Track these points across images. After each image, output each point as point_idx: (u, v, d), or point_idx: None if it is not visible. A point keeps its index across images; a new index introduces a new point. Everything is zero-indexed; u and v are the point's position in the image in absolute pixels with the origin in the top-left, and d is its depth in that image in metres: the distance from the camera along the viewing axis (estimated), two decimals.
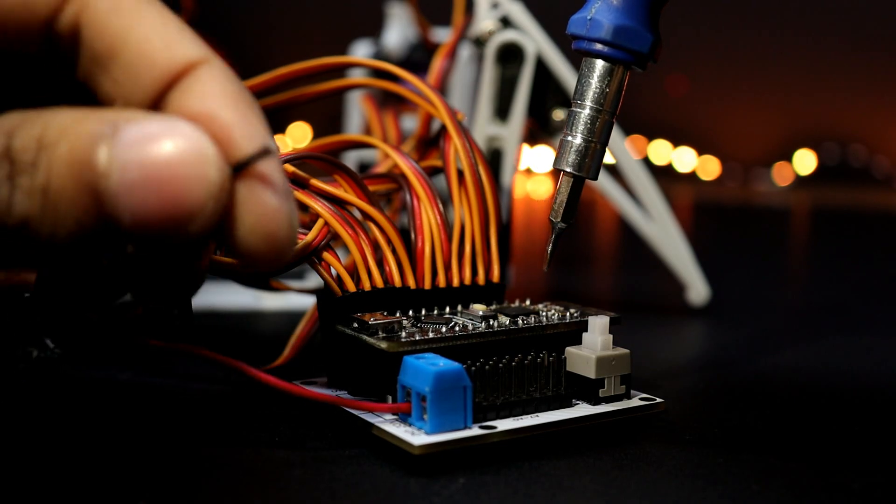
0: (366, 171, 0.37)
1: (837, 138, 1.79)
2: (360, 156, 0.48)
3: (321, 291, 0.28)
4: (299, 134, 1.59)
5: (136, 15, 0.21)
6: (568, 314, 0.29)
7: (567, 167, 0.27)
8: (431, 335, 0.26)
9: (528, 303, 0.31)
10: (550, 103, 0.44)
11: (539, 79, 0.43)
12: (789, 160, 1.81)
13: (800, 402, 0.32)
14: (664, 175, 1.68)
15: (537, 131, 0.45)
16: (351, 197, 0.29)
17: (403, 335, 0.26)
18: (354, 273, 0.28)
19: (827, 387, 0.34)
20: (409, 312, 0.29)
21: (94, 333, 0.25)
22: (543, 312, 0.29)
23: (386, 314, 0.27)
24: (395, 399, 0.25)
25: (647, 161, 1.72)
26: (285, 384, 0.25)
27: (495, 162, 0.43)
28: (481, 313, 0.28)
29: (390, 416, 0.25)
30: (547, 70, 0.43)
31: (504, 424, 0.25)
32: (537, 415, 0.26)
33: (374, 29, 0.52)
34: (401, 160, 0.31)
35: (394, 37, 0.50)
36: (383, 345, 0.25)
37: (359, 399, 0.27)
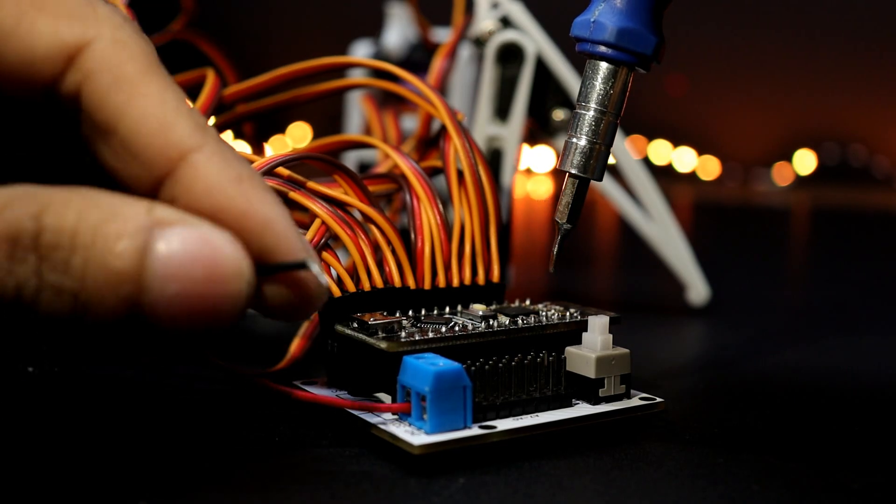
0: (366, 171, 0.37)
1: (837, 138, 1.79)
2: (360, 156, 0.48)
3: None
4: (299, 134, 1.59)
5: (135, 91, 0.21)
6: (568, 314, 0.29)
7: (572, 169, 0.27)
8: (431, 335, 0.26)
9: (528, 303, 0.31)
10: (550, 103, 0.44)
11: (539, 79, 0.43)
12: (789, 160, 1.81)
13: (800, 402, 0.32)
14: (664, 175, 1.67)
15: (537, 131, 0.45)
16: (350, 198, 0.29)
17: (403, 335, 0.26)
18: (354, 273, 0.28)
19: (827, 387, 0.34)
20: (409, 312, 0.29)
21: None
22: (543, 312, 0.29)
23: (386, 314, 0.27)
24: (393, 398, 0.26)
25: (647, 161, 1.72)
26: (288, 389, 0.25)
27: (495, 162, 0.43)
28: (481, 313, 0.28)
29: (390, 416, 0.25)
30: (547, 70, 0.43)
31: (504, 424, 0.25)
32: (537, 415, 0.26)
33: (374, 29, 0.52)
34: (401, 160, 0.31)
35: (394, 37, 0.50)
36: (383, 345, 0.25)
37: (359, 399, 0.27)
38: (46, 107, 0.22)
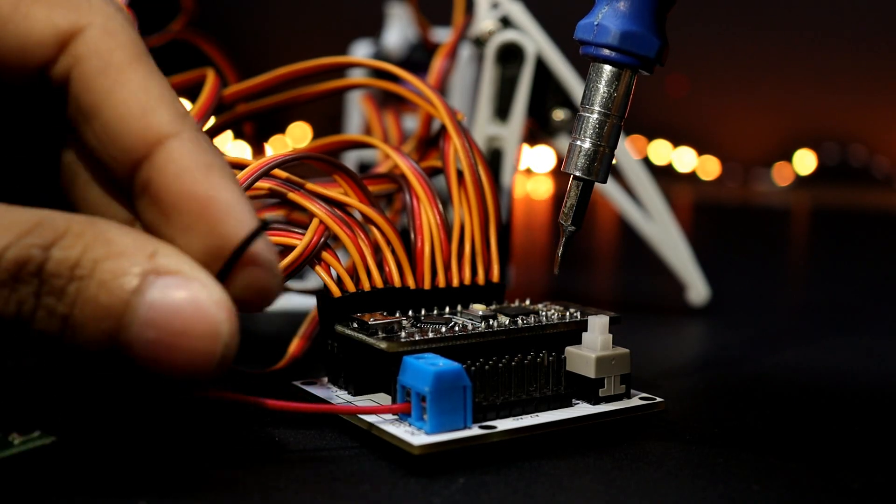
0: (366, 171, 0.37)
1: (837, 138, 1.79)
2: (360, 156, 0.48)
3: (321, 292, 0.28)
4: (299, 134, 1.59)
5: (121, 77, 0.22)
6: (568, 314, 0.29)
7: (576, 171, 0.27)
8: (431, 335, 0.26)
9: (528, 303, 0.31)
10: (550, 103, 0.44)
11: (539, 79, 0.43)
12: (789, 160, 1.81)
13: (800, 402, 0.32)
14: (664, 175, 1.67)
15: (537, 131, 0.45)
16: (350, 199, 0.29)
17: (403, 335, 0.26)
18: (354, 273, 0.28)
19: (827, 387, 0.34)
20: (409, 312, 0.29)
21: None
22: (543, 312, 0.29)
23: (385, 314, 0.27)
24: (393, 398, 0.26)
25: (647, 161, 1.72)
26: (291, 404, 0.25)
27: (495, 162, 0.43)
28: (481, 313, 0.28)
29: (390, 416, 0.25)
30: (547, 70, 0.43)
31: (504, 424, 0.25)
32: (537, 415, 0.26)
33: (374, 29, 0.52)
34: (401, 160, 0.31)
35: (394, 37, 0.50)
36: (383, 345, 0.25)
37: (359, 402, 0.27)
38: (37, 90, 0.23)
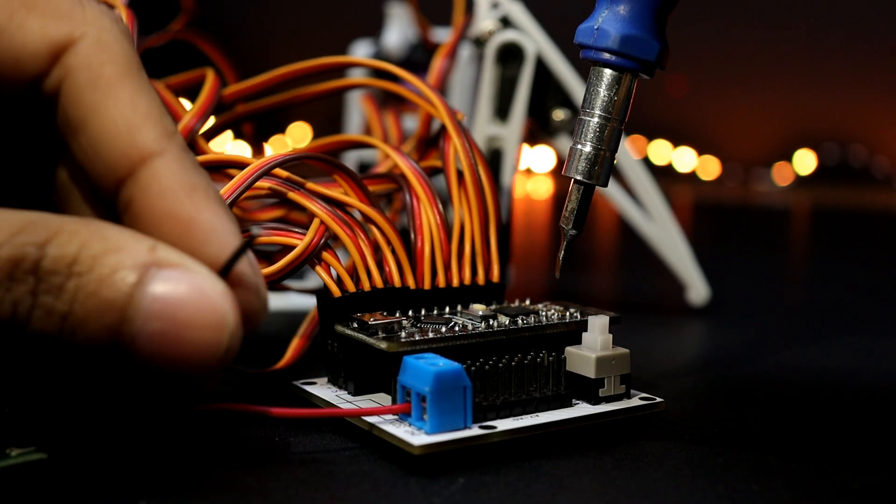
0: (366, 171, 0.37)
1: (837, 138, 1.79)
2: (360, 156, 0.48)
3: (321, 292, 0.28)
4: (299, 134, 1.59)
5: (110, 91, 0.22)
6: (568, 314, 0.29)
7: (577, 175, 0.27)
8: (431, 335, 0.26)
9: (528, 303, 0.31)
10: (550, 103, 0.44)
11: (539, 79, 0.43)
12: (789, 160, 1.81)
13: (800, 402, 0.32)
14: (664, 175, 1.68)
15: (537, 131, 0.45)
16: (350, 199, 0.29)
17: (403, 335, 0.26)
18: (354, 273, 0.28)
19: (827, 387, 0.34)
20: (409, 312, 0.29)
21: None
22: (543, 312, 0.29)
23: (385, 314, 0.27)
24: (393, 398, 0.26)
25: (647, 161, 1.72)
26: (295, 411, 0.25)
27: (495, 162, 0.43)
28: (481, 313, 0.28)
29: (390, 416, 0.25)
30: (547, 70, 0.43)
31: (504, 424, 0.25)
32: (537, 415, 0.26)
33: (374, 29, 0.52)
34: (401, 160, 0.31)
35: (394, 37, 0.50)
36: (383, 345, 0.25)
37: (360, 402, 0.27)
38: (28, 101, 0.22)
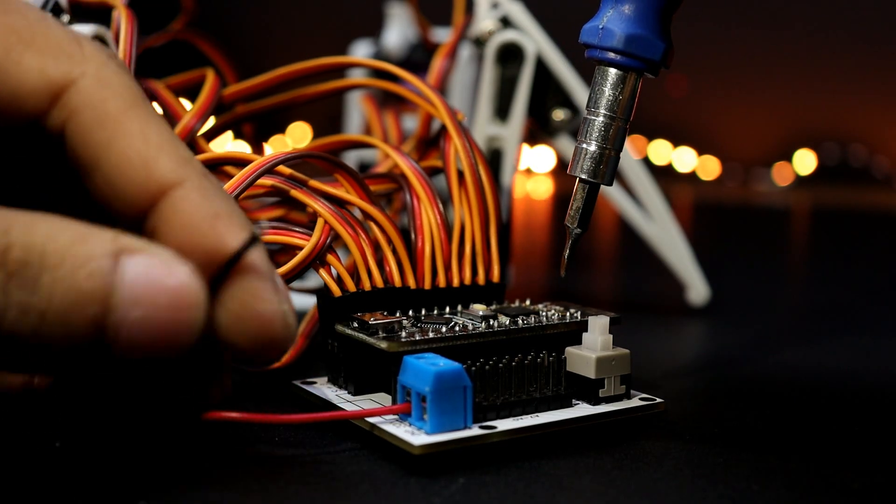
0: (366, 171, 0.37)
1: (837, 138, 1.79)
2: (360, 156, 0.48)
3: (321, 291, 0.28)
4: (299, 134, 1.59)
5: (118, 127, 0.21)
6: (568, 314, 0.29)
7: (582, 174, 0.27)
8: (431, 335, 0.26)
9: (528, 303, 0.31)
10: (550, 103, 0.44)
11: (539, 79, 0.43)
12: (789, 160, 1.81)
13: (800, 402, 0.32)
14: (664, 175, 1.67)
15: (537, 131, 0.45)
16: (352, 197, 0.29)
17: (403, 335, 0.26)
18: (354, 273, 0.28)
19: (827, 387, 0.34)
20: (409, 312, 0.29)
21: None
22: (543, 312, 0.29)
23: (386, 314, 0.27)
24: (393, 398, 0.25)
25: (647, 161, 1.72)
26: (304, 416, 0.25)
27: (495, 162, 0.43)
28: (481, 313, 0.28)
29: (391, 416, 0.25)
30: (547, 70, 0.43)
31: (504, 424, 0.25)
32: (537, 415, 0.26)
33: (374, 29, 0.52)
34: (401, 160, 0.31)
35: (394, 37, 0.50)
36: (383, 345, 0.25)
37: (360, 402, 0.27)
38: (35, 138, 0.22)
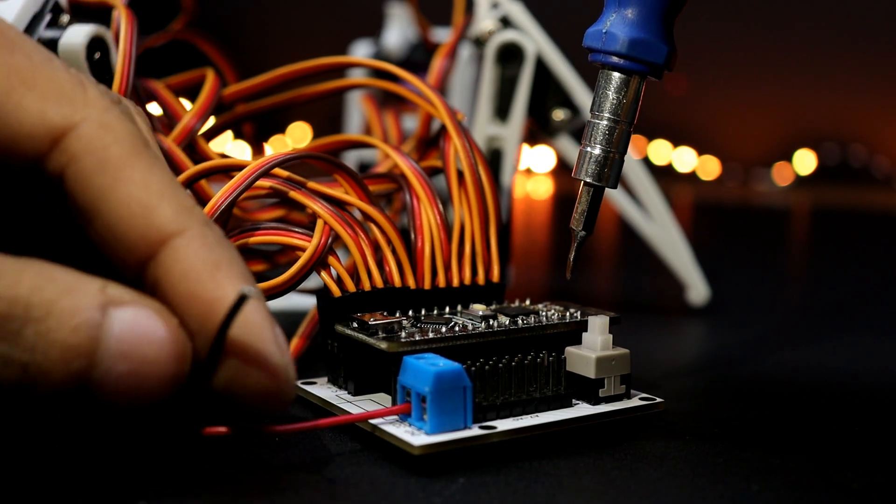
0: (366, 171, 0.37)
1: (837, 138, 1.79)
2: (360, 156, 0.48)
3: (321, 291, 0.28)
4: (299, 134, 1.59)
5: (120, 174, 0.21)
6: (568, 314, 0.29)
7: (587, 178, 0.27)
8: (431, 335, 0.26)
9: (528, 303, 0.31)
10: (550, 103, 0.44)
11: (539, 79, 0.43)
12: (789, 160, 1.81)
13: (800, 401, 0.32)
14: (664, 175, 1.68)
15: (537, 131, 0.45)
16: (351, 198, 0.29)
17: (403, 335, 0.26)
18: (354, 273, 0.28)
19: (827, 387, 0.34)
20: (409, 312, 0.29)
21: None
22: (543, 312, 0.29)
23: (386, 314, 0.27)
24: (393, 399, 0.25)
25: (647, 161, 1.72)
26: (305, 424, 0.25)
27: (495, 162, 0.43)
28: (481, 313, 0.28)
29: (391, 416, 0.25)
30: (547, 70, 0.43)
31: (504, 424, 0.25)
32: (537, 415, 0.26)
33: (374, 29, 0.52)
34: (401, 160, 0.31)
35: (394, 37, 0.50)
36: (383, 345, 0.25)
37: (360, 402, 0.27)
38: (35, 180, 0.22)
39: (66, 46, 0.31)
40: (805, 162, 1.80)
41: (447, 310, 0.29)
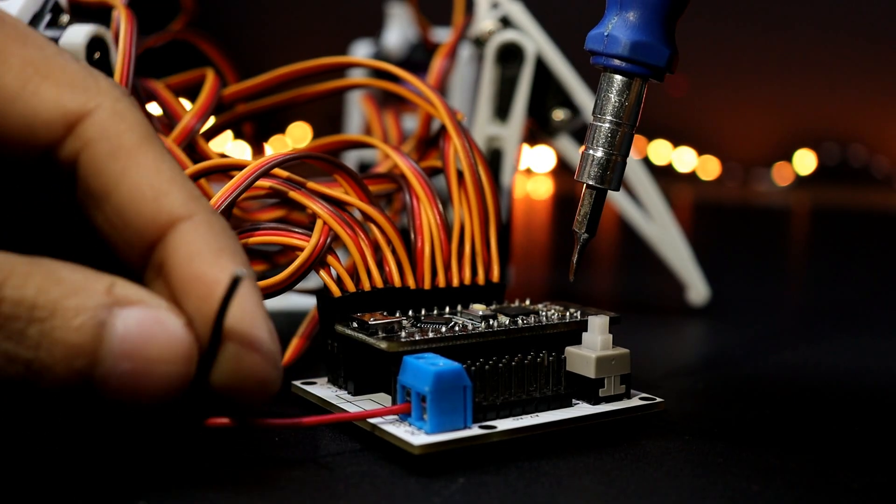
0: (366, 171, 0.37)
1: (837, 138, 1.79)
2: (360, 156, 0.48)
3: (321, 291, 0.28)
4: (299, 134, 1.59)
5: (132, 160, 0.22)
6: (568, 314, 0.29)
7: (589, 180, 0.27)
8: (431, 335, 0.26)
9: (528, 303, 0.31)
10: (550, 103, 0.44)
11: (539, 79, 0.43)
12: (789, 160, 1.81)
13: (800, 401, 0.32)
14: (664, 175, 1.68)
15: (537, 131, 0.45)
16: (351, 198, 0.29)
17: (403, 335, 0.26)
18: (354, 273, 0.28)
19: (827, 387, 0.34)
20: (409, 312, 0.29)
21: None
22: (543, 312, 0.29)
23: (386, 314, 0.27)
24: (393, 398, 0.25)
25: (647, 161, 1.73)
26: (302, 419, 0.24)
27: (495, 162, 0.43)
28: (481, 313, 0.28)
29: (391, 416, 0.25)
30: (547, 70, 0.43)
31: (504, 424, 0.25)
32: (537, 414, 0.26)
33: (374, 29, 0.52)
34: (401, 160, 0.31)
35: (394, 37, 0.50)
36: (383, 345, 0.25)
37: (360, 402, 0.27)
38: (44, 170, 0.22)
39: (66, 46, 0.31)
40: (805, 162, 1.80)
41: (447, 310, 0.29)
